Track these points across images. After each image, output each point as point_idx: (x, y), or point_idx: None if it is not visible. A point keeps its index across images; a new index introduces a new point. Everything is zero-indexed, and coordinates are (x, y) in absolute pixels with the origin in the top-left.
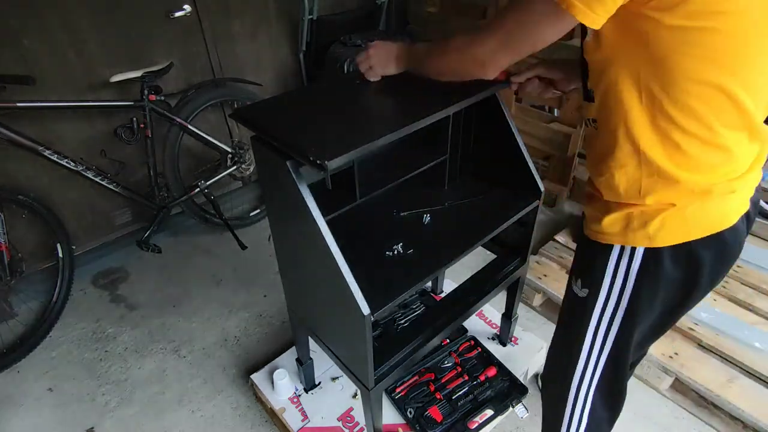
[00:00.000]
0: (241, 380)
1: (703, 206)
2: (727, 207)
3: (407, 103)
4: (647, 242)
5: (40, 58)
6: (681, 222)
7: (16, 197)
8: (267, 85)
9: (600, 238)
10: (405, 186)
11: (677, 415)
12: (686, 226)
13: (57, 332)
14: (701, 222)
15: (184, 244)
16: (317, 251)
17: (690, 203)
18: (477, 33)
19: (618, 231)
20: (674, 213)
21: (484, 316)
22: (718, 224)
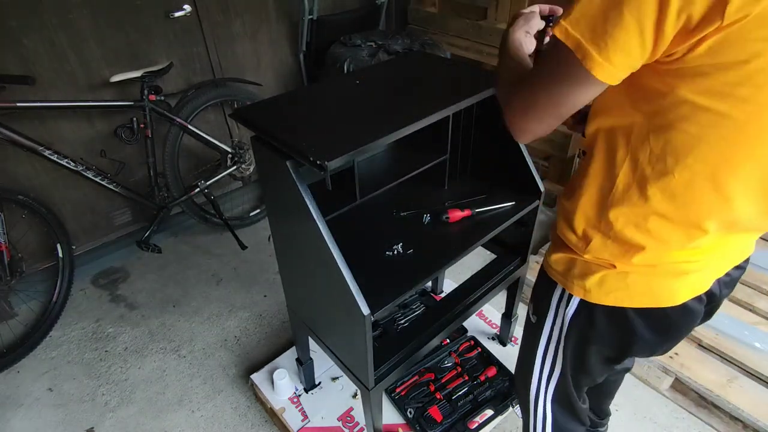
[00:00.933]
0: (241, 380)
1: (647, 279)
2: (675, 286)
3: (407, 104)
4: (582, 294)
5: (40, 58)
6: (621, 286)
7: (16, 197)
8: (267, 85)
9: (549, 272)
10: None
11: (677, 415)
12: (626, 292)
13: (57, 332)
14: (642, 293)
15: (184, 244)
16: (317, 251)
17: (633, 271)
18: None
19: (561, 271)
20: (615, 275)
21: (484, 316)
22: (662, 300)
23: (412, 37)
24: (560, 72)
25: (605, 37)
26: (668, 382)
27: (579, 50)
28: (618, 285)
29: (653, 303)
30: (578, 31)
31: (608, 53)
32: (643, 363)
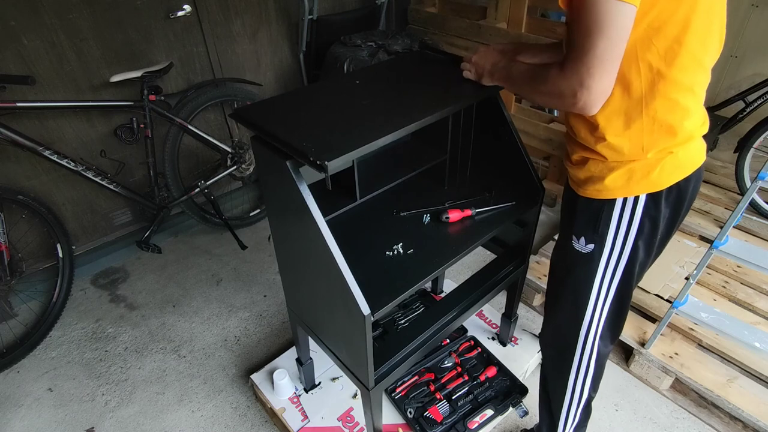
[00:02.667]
0: (241, 380)
1: (689, 149)
2: (701, 146)
3: (407, 104)
4: (650, 188)
5: (40, 58)
6: (676, 165)
7: (16, 197)
8: (267, 85)
9: (603, 195)
10: (405, 186)
11: (677, 415)
12: (680, 168)
13: (57, 332)
14: (689, 162)
15: (184, 244)
16: (317, 251)
17: (681, 148)
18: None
19: (621, 185)
20: (671, 159)
21: (484, 316)
22: (698, 161)
23: (412, 37)
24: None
25: None
26: (668, 382)
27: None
28: (674, 166)
29: (694, 166)
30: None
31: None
32: (643, 363)
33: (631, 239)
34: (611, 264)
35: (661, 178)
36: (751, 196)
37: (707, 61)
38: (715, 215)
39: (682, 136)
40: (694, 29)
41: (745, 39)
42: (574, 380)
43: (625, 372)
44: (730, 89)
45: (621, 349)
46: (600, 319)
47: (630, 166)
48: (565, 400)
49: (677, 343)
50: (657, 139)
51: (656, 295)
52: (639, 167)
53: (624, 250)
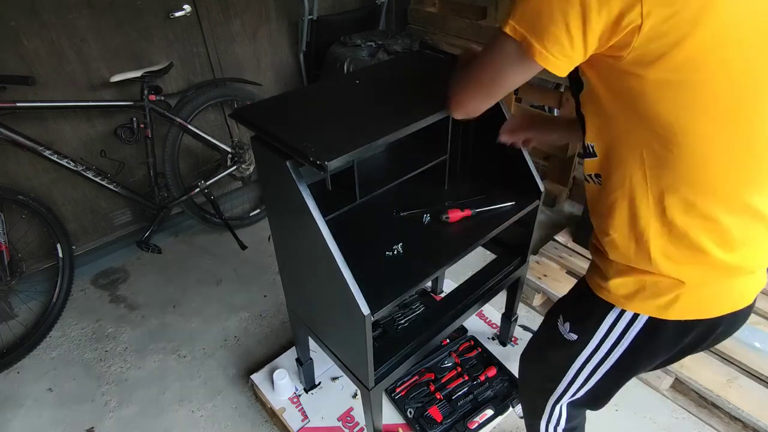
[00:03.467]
0: (241, 380)
1: (725, 285)
2: (748, 286)
3: (407, 103)
4: (655, 312)
5: (40, 58)
6: (698, 300)
7: (16, 197)
8: (267, 85)
9: (603, 295)
10: (405, 186)
11: (677, 415)
12: (704, 305)
13: (57, 332)
14: (720, 302)
15: (184, 244)
16: (317, 251)
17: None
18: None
19: (625, 295)
20: (690, 291)
21: (484, 316)
22: (737, 304)
23: (412, 37)
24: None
25: (543, 32)
26: (668, 382)
27: (524, 42)
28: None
29: (730, 309)
30: (523, 27)
31: (546, 45)
32: None
33: (619, 352)
34: (592, 362)
35: (672, 308)
36: None
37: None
38: None
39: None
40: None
41: None
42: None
43: None
44: None
45: None
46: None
47: (640, 277)
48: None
49: None
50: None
51: None
52: (650, 284)
53: (608, 358)
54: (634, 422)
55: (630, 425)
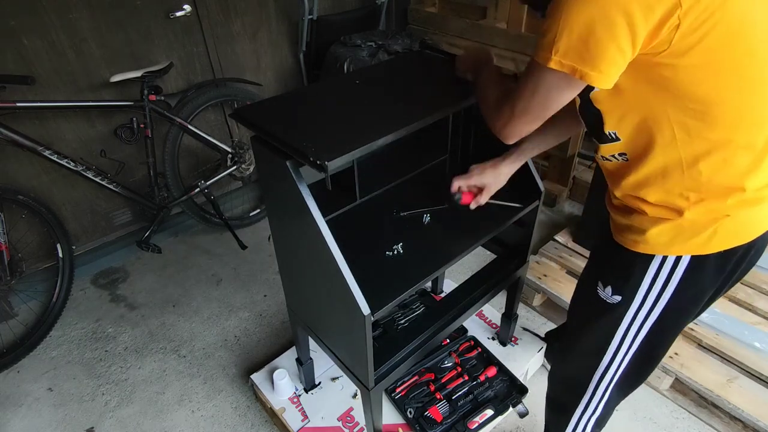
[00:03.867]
0: (241, 380)
1: (756, 211)
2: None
3: (407, 104)
4: (696, 250)
5: (40, 58)
6: (734, 229)
7: (16, 197)
8: (267, 85)
9: (641, 248)
10: (405, 186)
11: (677, 415)
12: (739, 233)
13: (57, 332)
14: (753, 227)
15: (184, 244)
16: (317, 251)
17: (744, 210)
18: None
19: (665, 241)
20: (728, 222)
21: (484, 316)
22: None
23: (412, 37)
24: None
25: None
26: (668, 382)
27: (576, 72)
28: (730, 230)
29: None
30: (570, 60)
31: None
32: None
33: (665, 299)
34: (638, 320)
35: (712, 242)
36: None
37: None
38: None
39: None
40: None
41: None
42: (579, 417)
43: None
44: None
45: None
46: (618, 370)
47: (678, 222)
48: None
49: (677, 343)
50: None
51: None
52: (688, 225)
53: (655, 309)
54: (634, 422)
55: (630, 425)
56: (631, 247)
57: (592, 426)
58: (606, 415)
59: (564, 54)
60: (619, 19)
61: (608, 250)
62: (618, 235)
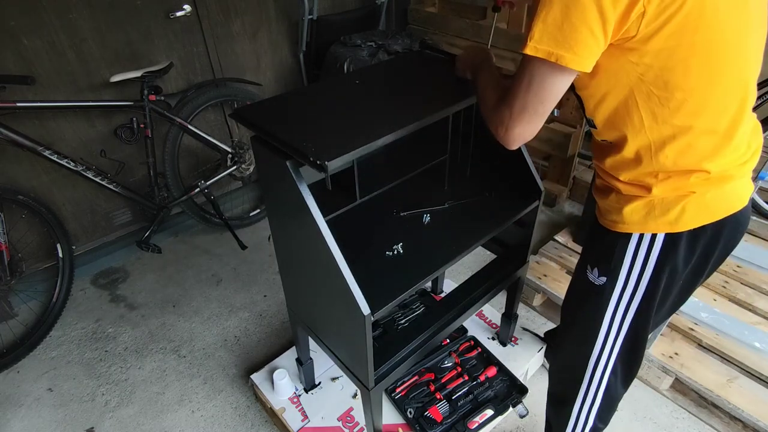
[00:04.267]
0: (241, 380)
1: (722, 191)
2: (741, 189)
3: (407, 104)
4: (668, 228)
5: (40, 58)
6: (701, 207)
7: (16, 197)
8: (267, 85)
9: (619, 228)
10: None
11: (677, 415)
12: (706, 211)
13: (57, 332)
14: (720, 206)
15: (184, 244)
16: (317, 251)
17: (709, 190)
18: (500, 102)
19: (638, 219)
20: (695, 199)
21: (484, 316)
22: (735, 206)
23: (412, 37)
24: (541, 77)
25: (568, 41)
26: (668, 382)
27: (552, 56)
28: (699, 208)
29: (729, 211)
30: (545, 45)
31: (574, 49)
32: (643, 363)
33: (646, 278)
34: (624, 300)
35: (681, 219)
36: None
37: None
38: None
39: (706, 178)
40: (699, 70)
41: None
42: (579, 408)
43: None
44: None
45: None
46: (611, 354)
47: (649, 199)
48: (568, 426)
49: (677, 343)
50: (672, 178)
51: None
52: (658, 202)
53: (638, 289)
54: (634, 422)
55: (630, 425)
56: (611, 228)
57: (594, 418)
58: (608, 407)
59: (539, 40)
60: (589, 5)
61: (594, 234)
62: (601, 218)
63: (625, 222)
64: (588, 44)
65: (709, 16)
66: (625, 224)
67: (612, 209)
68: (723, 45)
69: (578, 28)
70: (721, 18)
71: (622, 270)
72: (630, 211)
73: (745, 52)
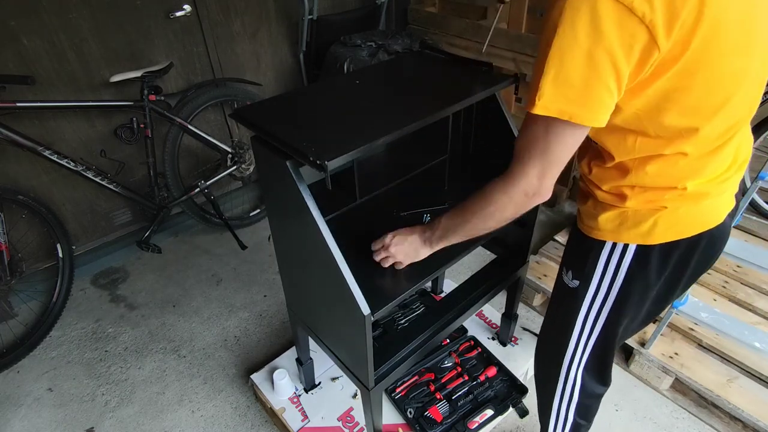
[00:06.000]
0: (241, 380)
1: (697, 207)
2: (717, 207)
3: (407, 103)
4: (640, 240)
5: (40, 58)
6: (673, 222)
7: (16, 197)
8: (267, 85)
9: (594, 234)
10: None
11: (677, 415)
12: (678, 226)
13: (57, 332)
14: (693, 222)
15: (184, 244)
16: (317, 251)
17: (682, 205)
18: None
19: (612, 228)
20: (667, 214)
21: (484, 316)
22: (710, 223)
23: (412, 37)
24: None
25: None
26: (668, 382)
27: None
28: (671, 222)
29: (702, 228)
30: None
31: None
32: (643, 363)
33: (617, 287)
34: (595, 305)
35: (653, 232)
36: (751, 196)
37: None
38: None
39: (681, 194)
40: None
41: None
42: (558, 403)
43: (625, 372)
44: None
45: (621, 349)
46: (583, 355)
47: (622, 210)
48: (550, 421)
49: (677, 343)
50: (647, 192)
51: None
52: (631, 214)
53: (609, 296)
54: (634, 422)
55: (630, 425)
56: (588, 233)
57: (573, 414)
58: (586, 404)
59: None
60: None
61: (573, 238)
62: (579, 223)
63: (599, 229)
64: (605, 102)
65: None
66: (600, 231)
67: (589, 215)
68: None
69: (594, 87)
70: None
71: (594, 276)
72: (605, 219)
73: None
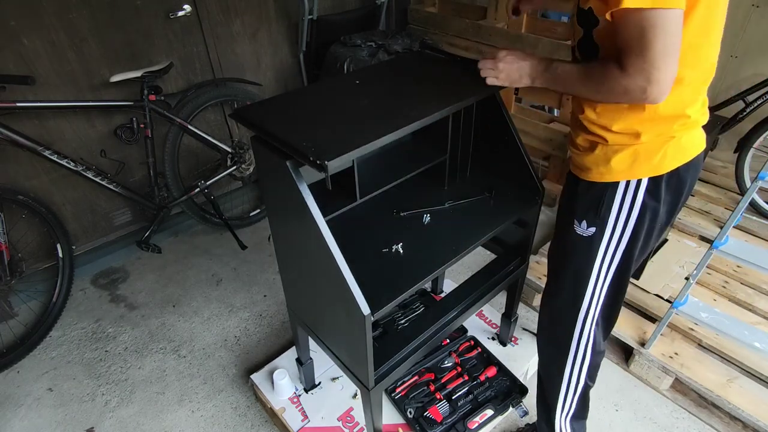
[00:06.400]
0: (241, 380)
1: (693, 134)
2: (702, 133)
3: (407, 103)
4: (652, 171)
5: (40, 58)
6: (678, 150)
7: (16, 197)
8: (267, 85)
9: (606, 178)
10: (405, 186)
11: (677, 415)
12: (682, 153)
13: (57, 332)
14: (692, 146)
15: (184, 244)
16: (317, 251)
17: (684, 134)
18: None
19: (625, 168)
20: (674, 143)
21: (484, 316)
22: (700, 146)
23: (412, 37)
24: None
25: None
26: (668, 382)
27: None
28: (676, 150)
29: (695, 152)
30: None
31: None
32: (643, 363)
33: (632, 223)
34: (611, 247)
35: (663, 162)
36: (751, 196)
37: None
38: (715, 215)
39: (685, 123)
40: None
41: (746, 39)
42: (571, 366)
43: (625, 372)
44: (730, 89)
45: (621, 349)
46: (597, 304)
47: (634, 148)
48: (561, 387)
49: (677, 343)
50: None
51: (656, 295)
52: (643, 150)
53: (624, 234)
54: (634, 422)
55: (630, 425)
56: (599, 179)
57: (585, 376)
58: (595, 362)
59: None
60: None
61: (578, 190)
62: (586, 174)
63: (612, 171)
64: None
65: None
66: (613, 173)
67: (599, 162)
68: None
69: None
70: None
71: (610, 217)
72: (618, 160)
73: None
